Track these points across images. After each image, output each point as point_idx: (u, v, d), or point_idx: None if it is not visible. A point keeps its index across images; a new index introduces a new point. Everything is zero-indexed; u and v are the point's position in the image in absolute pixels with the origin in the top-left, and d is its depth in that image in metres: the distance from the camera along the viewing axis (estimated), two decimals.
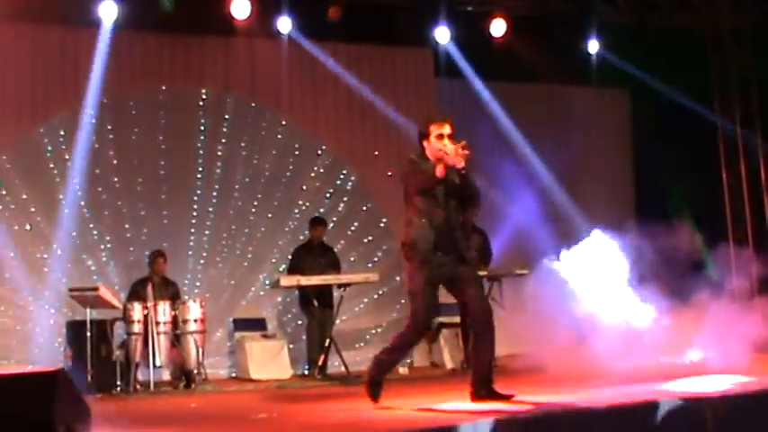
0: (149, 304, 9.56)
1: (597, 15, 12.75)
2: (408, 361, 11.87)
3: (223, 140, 11.81)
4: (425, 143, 6.64)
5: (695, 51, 13.36)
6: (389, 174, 11.72)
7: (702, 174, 13.54)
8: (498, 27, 12.27)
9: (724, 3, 13.09)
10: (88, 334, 9.31)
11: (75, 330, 9.56)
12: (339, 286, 10.68)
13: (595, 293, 9.15)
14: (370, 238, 12.27)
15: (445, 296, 11.38)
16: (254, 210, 11.87)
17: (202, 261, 11.56)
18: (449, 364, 11.21)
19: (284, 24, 11.68)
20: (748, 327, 8.92)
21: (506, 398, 6.35)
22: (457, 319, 10.72)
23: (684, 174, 13.31)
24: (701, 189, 13.38)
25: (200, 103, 11.79)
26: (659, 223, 11.14)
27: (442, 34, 12.31)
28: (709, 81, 13.63)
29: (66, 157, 11.03)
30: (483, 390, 6.42)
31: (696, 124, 13.50)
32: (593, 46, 13.04)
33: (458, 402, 6.46)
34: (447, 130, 6.58)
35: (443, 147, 6.46)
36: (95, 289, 9.57)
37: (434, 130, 6.59)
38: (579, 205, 12.80)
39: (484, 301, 6.76)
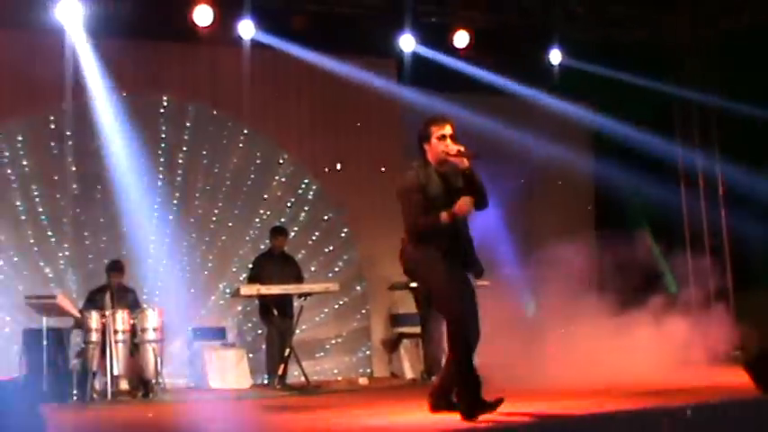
0: (107, 313, 9.47)
1: (559, 30, 12.85)
2: (369, 371, 11.89)
3: (184, 148, 11.74)
4: (426, 146, 6.39)
5: (658, 66, 13.48)
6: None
7: (662, 187, 13.67)
8: (461, 39, 12.32)
9: (684, 19, 13.24)
10: (45, 342, 9.21)
11: (31, 339, 9.44)
12: (299, 296, 10.66)
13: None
14: (331, 247, 12.25)
15: (406, 306, 11.45)
16: (214, 218, 11.80)
17: (162, 269, 11.46)
18: (409, 375, 11.21)
19: (247, 32, 11.61)
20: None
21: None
22: (417, 329, 10.74)
23: (644, 187, 13.41)
24: (660, 203, 13.50)
25: (161, 111, 11.72)
26: (618, 235, 11.24)
27: (407, 44, 12.34)
28: (670, 96, 13.77)
29: (24, 163, 10.92)
30: (443, 401, 6.36)
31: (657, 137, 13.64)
32: (556, 58, 13.12)
33: (418, 413, 6.45)
34: (448, 130, 6.34)
35: (446, 148, 6.27)
36: (53, 297, 9.48)
37: (435, 131, 6.35)
38: (539, 216, 12.87)
39: (476, 316, 6.35)
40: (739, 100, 12.72)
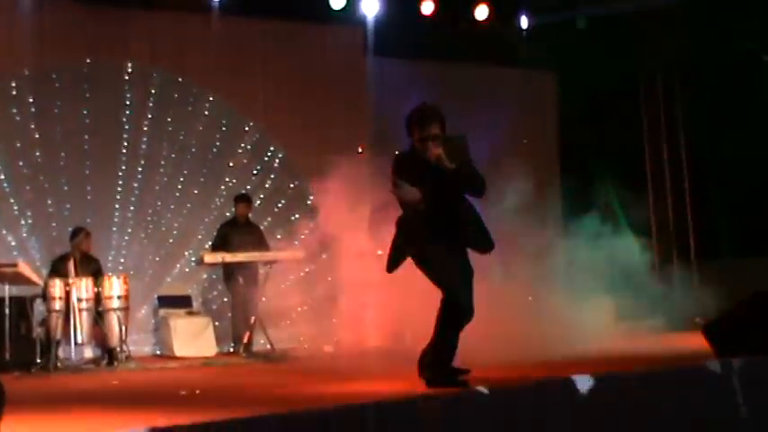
0: (70, 281, 9.39)
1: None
2: (335, 340, 11.88)
3: (149, 115, 11.65)
4: (414, 133, 6.05)
5: (622, 36, 13.52)
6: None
7: (627, 158, 13.76)
8: (428, 6, 12.29)
9: None
10: (7, 311, 9.12)
11: None
12: (265, 263, 10.64)
13: None
14: (296, 215, 12.22)
15: None
16: (180, 186, 11.75)
17: (127, 237, 11.42)
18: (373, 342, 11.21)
19: None
20: None
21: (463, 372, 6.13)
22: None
23: (610, 158, 13.50)
24: (625, 173, 13.59)
25: (126, 77, 11.61)
26: (583, 208, 11.29)
27: (372, 12, 12.30)
28: (634, 66, 13.83)
29: None
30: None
31: (623, 108, 13.71)
32: (523, 26, 13.14)
33: (381, 380, 6.48)
34: (429, 132, 5.96)
35: (428, 151, 5.92)
36: (14, 265, 9.37)
37: (417, 134, 6.00)
38: (504, 187, 12.89)
39: (471, 293, 6.15)
40: (702, 68, 12.83)
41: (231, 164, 12.02)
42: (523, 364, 7.00)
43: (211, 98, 11.98)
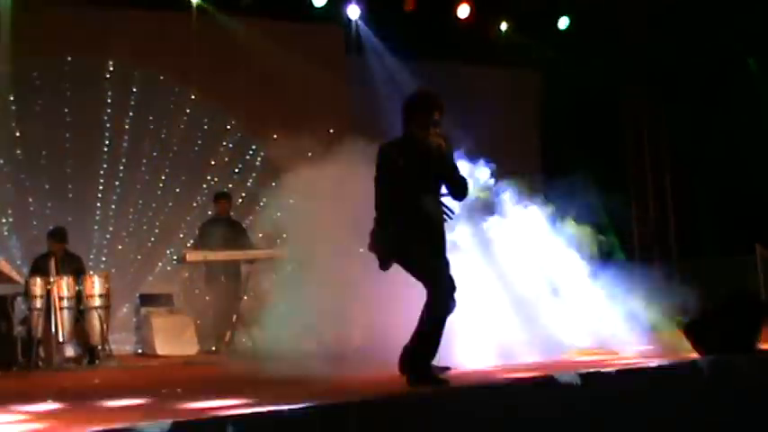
0: (52, 279, 9.36)
1: None
2: (318, 338, 11.86)
3: (130, 114, 11.64)
4: (419, 116, 6.10)
5: (606, 36, 13.58)
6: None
7: (610, 157, 13.82)
8: (409, 4, 12.31)
9: None
10: None
11: None
12: (247, 261, 10.63)
13: None
14: (279, 213, 12.19)
15: None
16: (161, 184, 11.74)
17: (108, 235, 11.41)
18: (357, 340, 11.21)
19: None
20: None
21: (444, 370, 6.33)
22: None
23: (592, 160, 13.54)
24: (607, 176, 13.64)
25: (107, 76, 11.58)
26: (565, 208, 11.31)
27: (354, 11, 12.32)
28: (617, 68, 13.88)
29: None
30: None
31: (605, 110, 13.76)
32: (504, 26, 13.19)
33: (358, 377, 6.48)
34: (436, 116, 6.07)
35: (431, 137, 6.01)
36: None
37: (437, 115, 6.07)
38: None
39: (454, 287, 6.22)
40: (686, 68, 12.88)
41: (213, 162, 12.01)
42: (505, 363, 7.02)
43: (193, 96, 11.97)
